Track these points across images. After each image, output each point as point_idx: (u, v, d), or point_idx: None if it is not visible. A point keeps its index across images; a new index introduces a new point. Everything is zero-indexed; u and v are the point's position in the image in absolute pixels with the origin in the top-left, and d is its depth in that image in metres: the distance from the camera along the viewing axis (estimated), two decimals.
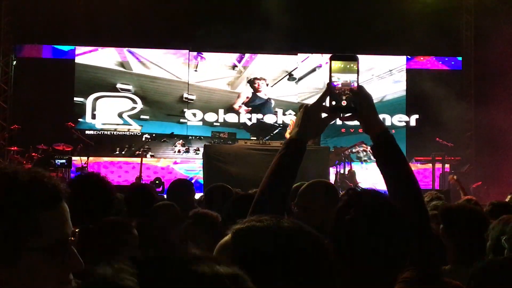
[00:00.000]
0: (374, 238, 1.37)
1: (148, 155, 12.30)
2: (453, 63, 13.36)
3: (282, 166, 1.61)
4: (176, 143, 12.77)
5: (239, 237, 1.05)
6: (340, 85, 1.62)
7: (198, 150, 12.30)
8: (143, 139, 12.54)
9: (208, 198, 4.20)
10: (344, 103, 1.61)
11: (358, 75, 1.63)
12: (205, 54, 12.95)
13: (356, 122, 1.67)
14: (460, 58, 13.22)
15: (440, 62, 13.39)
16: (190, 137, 12.77)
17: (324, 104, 1.64)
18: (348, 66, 1.63)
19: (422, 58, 13.31)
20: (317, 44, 12.69)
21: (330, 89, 1.62)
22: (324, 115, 1.66)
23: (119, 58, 12.77)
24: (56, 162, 9.51)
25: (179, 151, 12.73)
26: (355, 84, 1.62)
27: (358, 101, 1.61)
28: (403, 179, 1.61)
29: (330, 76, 1.63)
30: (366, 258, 1.38)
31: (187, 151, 12.70)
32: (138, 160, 11.38)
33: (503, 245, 2.33)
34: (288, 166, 1.62)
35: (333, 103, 1.62)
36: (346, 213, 1.41)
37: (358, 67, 1.63)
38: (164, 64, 12.88)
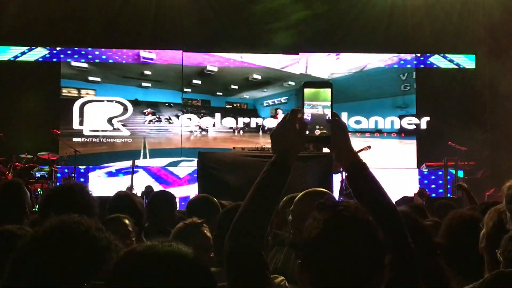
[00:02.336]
0: (344, 254, 1.37)
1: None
2: (466, 61, 13.13)
3: (264, 189, 1.63)
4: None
5: (120, 261, 1.17)
6: (313, 113, 1.65)
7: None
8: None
9: (188, 211, 4.15)
10: (317, 132, 1.66)
11: (332, 102, 1.67)
12: None
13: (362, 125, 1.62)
14: (473, 56, 13.06)
15: (453, 61, 13.19)
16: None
17: (294, 129, 1.66)
18: (321, 93, 1.66)
19: (433, 57, 13.15)
20: (323, 43, 12.64)
21: (302, 118, 1.65)
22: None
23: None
24: (36, 174, 9.29)
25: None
26: (329, 112, 1.66)
27: (331, 130, 1.65)
28: (381, 210, 1.62)
29: (303, 104, 1.66)
30: (338, 274, 1.37)
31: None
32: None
33: (498, 258, 2.29)
34: (271, 189, 1.64)
35: (306, 132, 1.65)
36: (316, 228, 1.42)
37: (332, 93, 1.67)
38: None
